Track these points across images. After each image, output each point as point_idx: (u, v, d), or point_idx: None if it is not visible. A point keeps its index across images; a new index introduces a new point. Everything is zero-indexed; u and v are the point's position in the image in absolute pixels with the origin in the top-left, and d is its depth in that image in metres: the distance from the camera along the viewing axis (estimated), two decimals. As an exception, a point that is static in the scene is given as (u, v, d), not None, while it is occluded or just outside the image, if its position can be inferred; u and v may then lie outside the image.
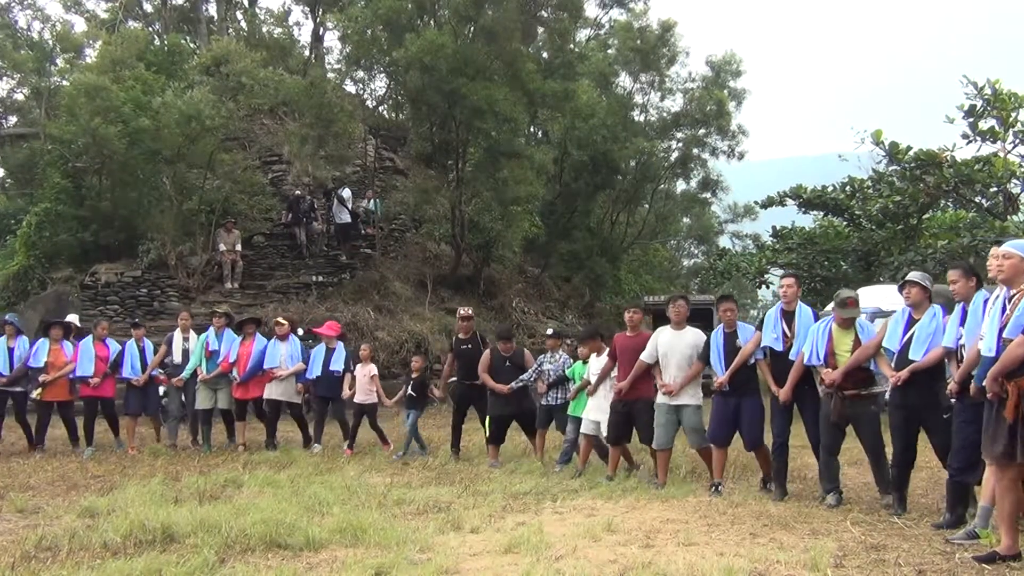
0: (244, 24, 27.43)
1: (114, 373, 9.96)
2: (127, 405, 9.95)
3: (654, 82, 25.23)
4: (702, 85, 25.61)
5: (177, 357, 10.25)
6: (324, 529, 5.25)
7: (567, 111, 20.40)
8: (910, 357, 5.78)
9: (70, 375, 9.81)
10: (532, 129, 24.35)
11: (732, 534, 5.30)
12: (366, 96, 22.32)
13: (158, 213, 16.73)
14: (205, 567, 4.48)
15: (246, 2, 28.29)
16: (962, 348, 5.32)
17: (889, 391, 6.00)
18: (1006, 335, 4.59)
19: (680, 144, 26.46)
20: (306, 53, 25.74)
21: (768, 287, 22.18)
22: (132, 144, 15.97)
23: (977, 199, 17.60)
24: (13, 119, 25.59)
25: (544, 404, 8.75)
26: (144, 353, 10.13)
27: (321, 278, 17.59)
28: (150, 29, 25.22)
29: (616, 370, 7.67)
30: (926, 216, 18.79)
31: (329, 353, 9.99)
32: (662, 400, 7.23)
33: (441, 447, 9.78)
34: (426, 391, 9.97)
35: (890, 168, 17.91)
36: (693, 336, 7.30)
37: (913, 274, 6.10)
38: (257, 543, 4.98)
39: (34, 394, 9.92)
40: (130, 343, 10.16)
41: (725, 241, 33.65)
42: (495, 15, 17.13)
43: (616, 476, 7.55)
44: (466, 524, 5.57)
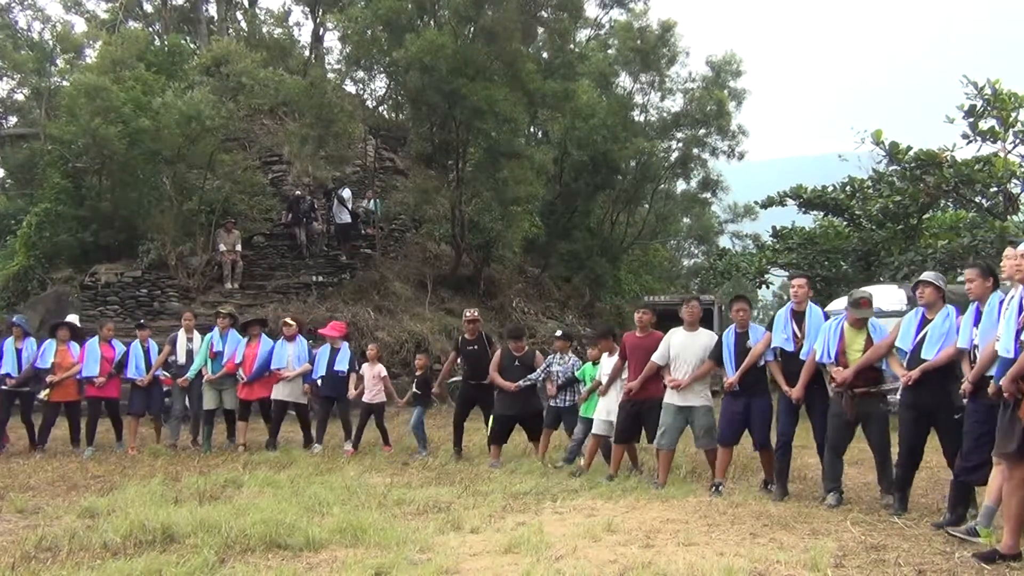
0: (244, 24, 27.44)
1: (119, 374, 10.03)
2: (131, 405, 10.03)
3: (654, 82, 25.21)
4: (702, 85, 25.61)
5: (181, 358, 10.27)
6: (324, 529, 5.25)
7: (567, 111, 20.40)
8: (922, 357, 5.74)
9: (77, 376, 9.87)
10: (532, 129, 24.35)
11: (732, 534, 5.30)
12: (366, 96, 22.34)
13: (158, 213, 16.74)
14: (205, 567, 4.49)
15: (246, 2, 28.30)
16: (975, 349, 5.27)
17: (901, 390, 5.97)
18: None
19: (680, 144, 26.47)
20: (306, 53, 25.73)
21: (768, 287, 22.19)
22: (132, 144, 15.99)
23: (977, 199, 17.60)
24: (13, 119, 25.58)
25: (552, 405, 8.78)
26: (149, 354, 10.18)
27: (321, 278, 17.60)
28: (150, 29, 25.23)
29: (626, 370, 7.68)
30: (926, 216, 18.81)
31: (334, 353, 10.03)
32: (671, 400, 7.19)
33: (442, 447, 9.79)
34: (429, 388, 10.06)
35: (890, 168, 17.91)
36: (707, 338, 7.27)
37: (927, 274, 6.07)
38: (257, 543, 4.98)
39: (42, 395, 9.99)
40: (135, 344, 10.20)
41: (725, 241, 33.67)
42: (495, 15, 17.12)
43: (618, 476, 7.54)
44: (466, 524, 5.58)
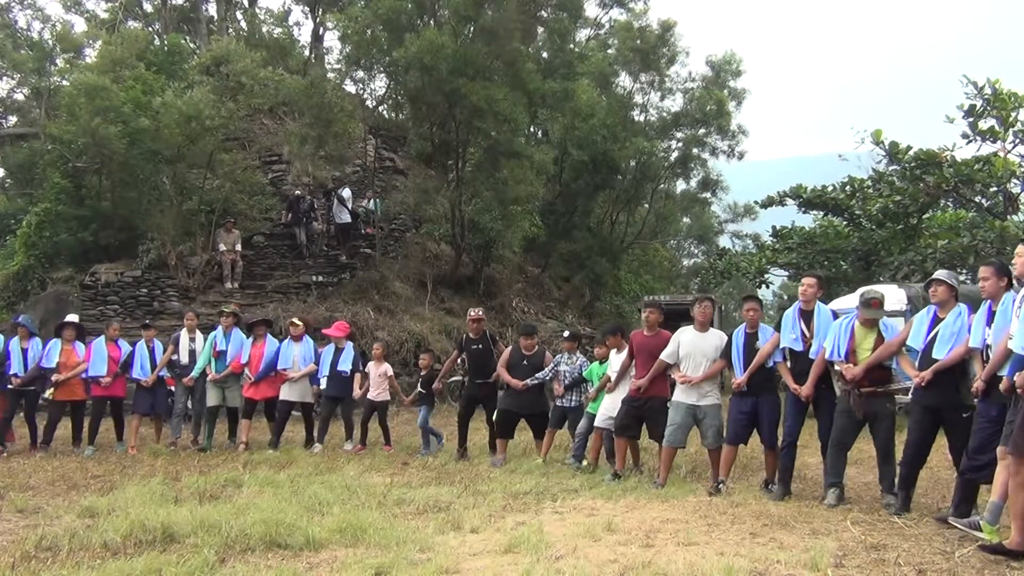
0: (244, 24, 27.47)
1: (124, 373, 10.10)
2: (136, 405, 10.09)
3: (654, 82, 25.18)
4: (702, 85, 25.58)
5: (184, 357, 10.30)
6: (324, 529, 5.25)
7: (567, 111, 20.40)
8: (934, 356, 5.72)
9: (82, 375, 9.92)
10: (532, 129, 24.33)
11: (732, 534, 5.30)
12: (366, 96, 22.31)
13: (158, 213, 16.74)
14: (205, 567, 4.49)
15: (246, 2, 28.34)
16: (988, 348, 5.25)
17: (912, 390, 5.94)
18: None
19: (680, 144, 26.43)
20: (306, 53, 25.74)
21: (768, 287, 22.19)
22: (132, 144, 15.99)
23: (977, 199, 17.59)
24: (13, 119, 25.63)
25: (559, 405, 8.80)
26: (154, 354, 10.25)
27: (321, 278, 17.59)
28: (150, 29, 25.26)
29: (633, 368, 7.68)
30: (926, 216, 18.80)
31: (338, 353, 10.06)
32: (682, 399, 7.17)
33: (447, 444, 9.84)
34: (433, 386, 10.09)
35: (890, 168, 17.90)
36: (717, 338, 7.26)
37: (940, 272, 6.05)
38: (257, 543, 4.98)
39: (47, 394, 10.03)
40: (140, 344, 10.27)
41: (725, 241, 33.64)
42: (495, 15, 17.12)
43: (624, 472, 7.50)
44: (466, 524, 5.57)
